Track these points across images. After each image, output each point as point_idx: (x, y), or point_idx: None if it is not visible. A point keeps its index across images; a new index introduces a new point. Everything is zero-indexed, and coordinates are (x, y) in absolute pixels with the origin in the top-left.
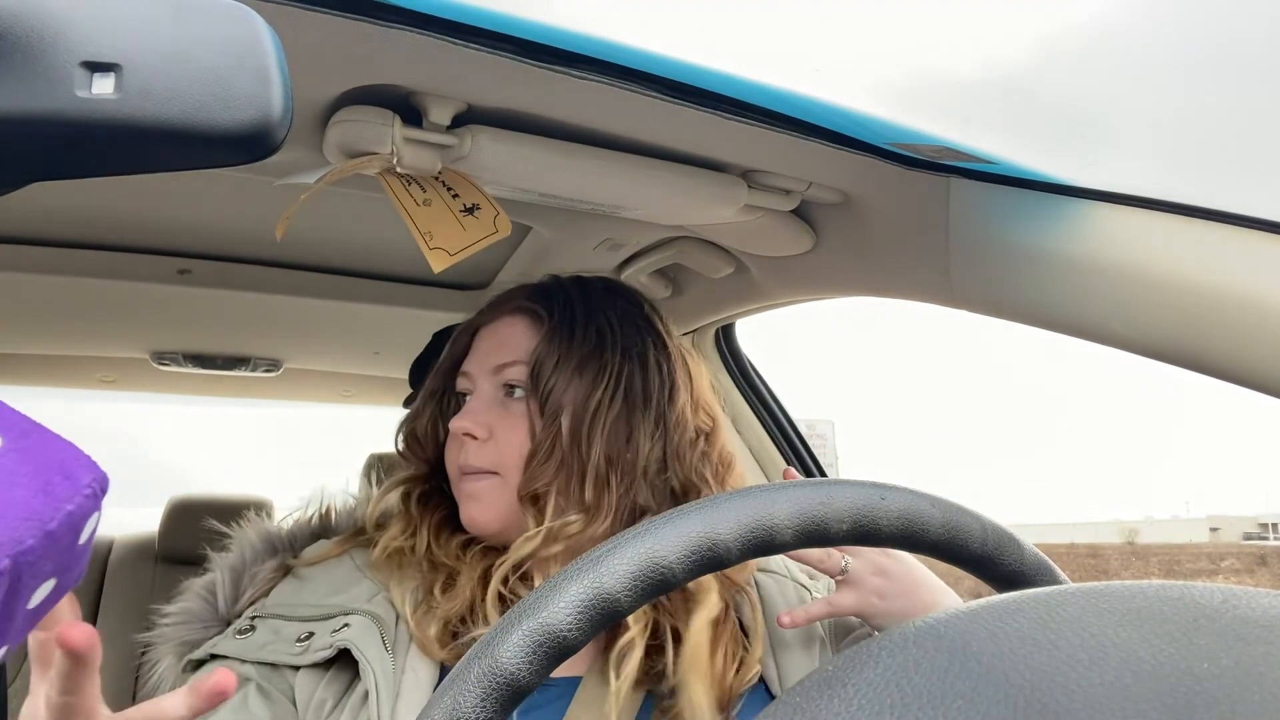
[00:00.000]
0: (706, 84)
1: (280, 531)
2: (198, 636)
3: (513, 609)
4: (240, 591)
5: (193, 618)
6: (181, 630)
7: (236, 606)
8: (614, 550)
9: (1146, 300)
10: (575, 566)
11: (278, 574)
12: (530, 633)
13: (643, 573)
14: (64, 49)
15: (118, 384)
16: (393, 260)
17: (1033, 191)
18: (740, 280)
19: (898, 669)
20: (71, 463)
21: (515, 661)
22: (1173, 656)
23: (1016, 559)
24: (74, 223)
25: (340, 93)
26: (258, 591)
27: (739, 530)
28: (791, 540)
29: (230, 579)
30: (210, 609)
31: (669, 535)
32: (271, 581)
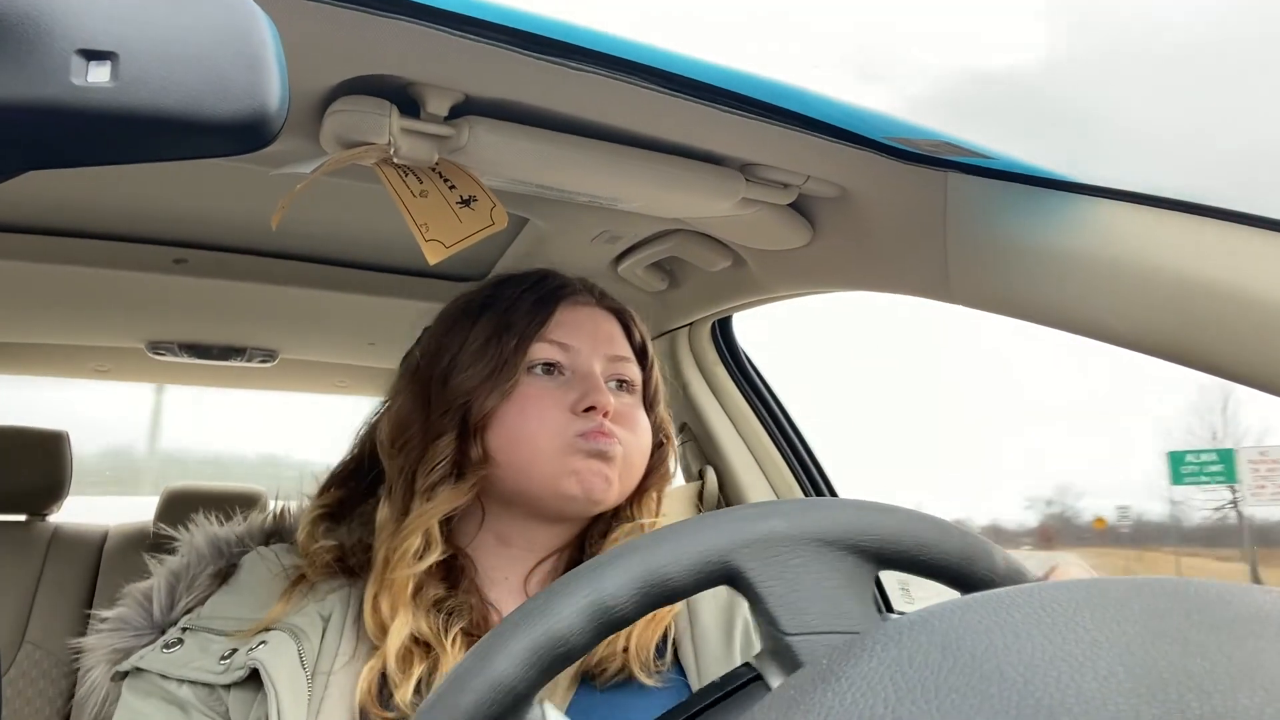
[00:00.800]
0: (705, 77)
1: (230, 535)
2: (130, 645)
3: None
4: (176, 599)
5: (127, 625)
6: (114, 638)
7: (172, 614)
8: (613, 562)
9: (1143, 296)
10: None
11: (214, 581)
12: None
13: (645, 584)
14: (60, 36)
15: (112, 374)
16: (389, 251)
17: (1030, 186)
18: (737, 274)
19: (892, 662)
20: None
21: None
22: (1166, 652)
23: (987, 567)
24: (69, 212)
25: (337, 83)
26: (193, 600)
27: (687, 563)
28: None
29: (167, 585)
30: (145, 616)
31: (668, 551)
32: (207, 589)
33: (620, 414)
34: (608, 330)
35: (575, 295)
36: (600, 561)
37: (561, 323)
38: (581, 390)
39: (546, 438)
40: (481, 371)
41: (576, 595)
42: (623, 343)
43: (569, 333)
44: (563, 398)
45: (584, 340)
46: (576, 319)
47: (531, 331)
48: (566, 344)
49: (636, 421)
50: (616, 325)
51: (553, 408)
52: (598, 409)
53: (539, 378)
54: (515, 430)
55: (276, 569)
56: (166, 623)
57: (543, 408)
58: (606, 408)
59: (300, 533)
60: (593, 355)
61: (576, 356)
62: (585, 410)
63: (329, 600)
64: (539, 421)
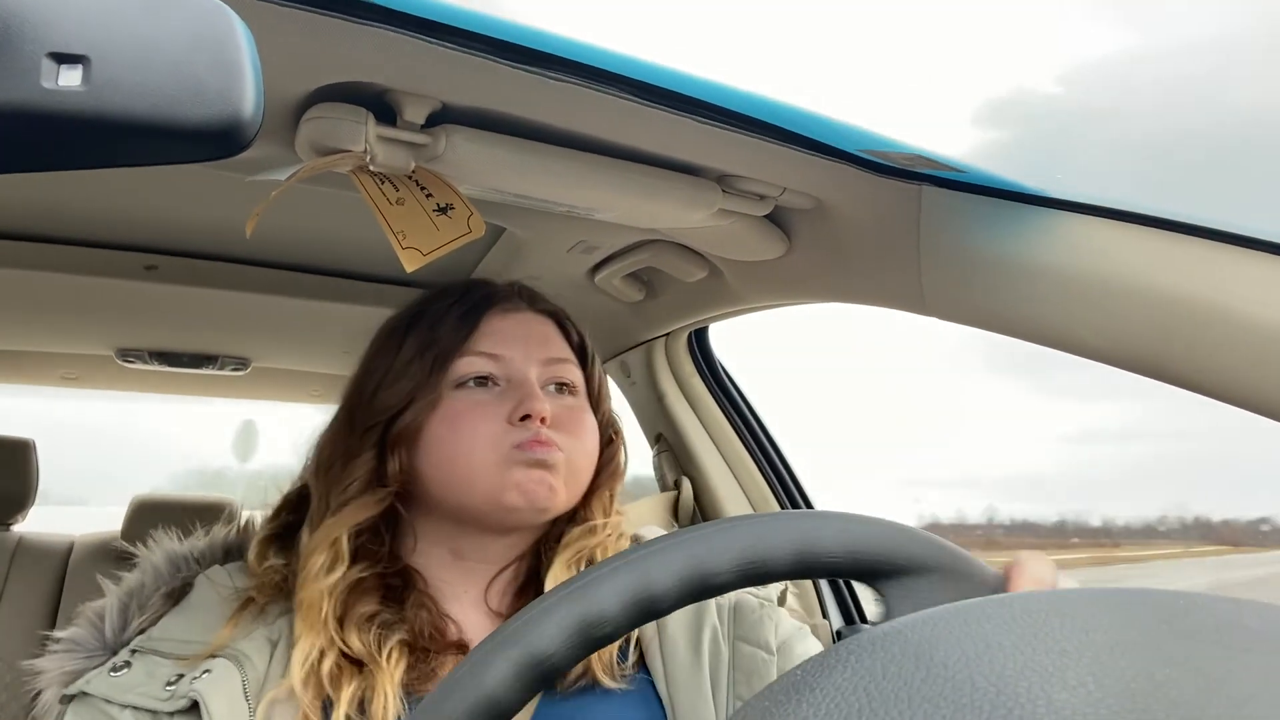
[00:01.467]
0: (682, 88)
1: (189, 552)
2: (81, 666)
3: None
4: (129, 619)
5: (79, 647)
6: (65, 659)
7: (124, 635)
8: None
9: (1116, 310)
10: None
11: (167, 601)
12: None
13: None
14: (31, 39)
15: (81, 381)
16: (364, 259)
17: (1003, 201)
18: (714, 284)
19: (865, 673)
20: None
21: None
22: (1134, 661)
23: (967, 571)
24: (38, 217)
25: (313, 89)
26: (145, 620)
27: (674, 578)
28: (732, 580)
29: (119, 605)
30: (98, 637)
31: (604, 589)
32: (160, 609)
33: (561, 417)
34: (540, 333)
35: (504, 302)
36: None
37: (490, 332)
38: (516, 399)
39: (482, 452)
40: (404, 388)
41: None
42: (559, 344)
43: (498, 342)
44: (497, 409)
45: (515, 348)
46: (505, 327)
47: (456, 345)
48: (496, 354)
49: (580, 423)
50: (551, 327)
51: (486, 420)
52: (533, 416)
53: (471, 391)
54: (450, 448)
55: (227, 591)
56: (118, 644)
57: (475, 421)
58: (542, 414)
59: (250, 554)
60: (526, 362)
61: (509, 365)
62: (522, 419)
63: (278, 624)
64: (472, 436)
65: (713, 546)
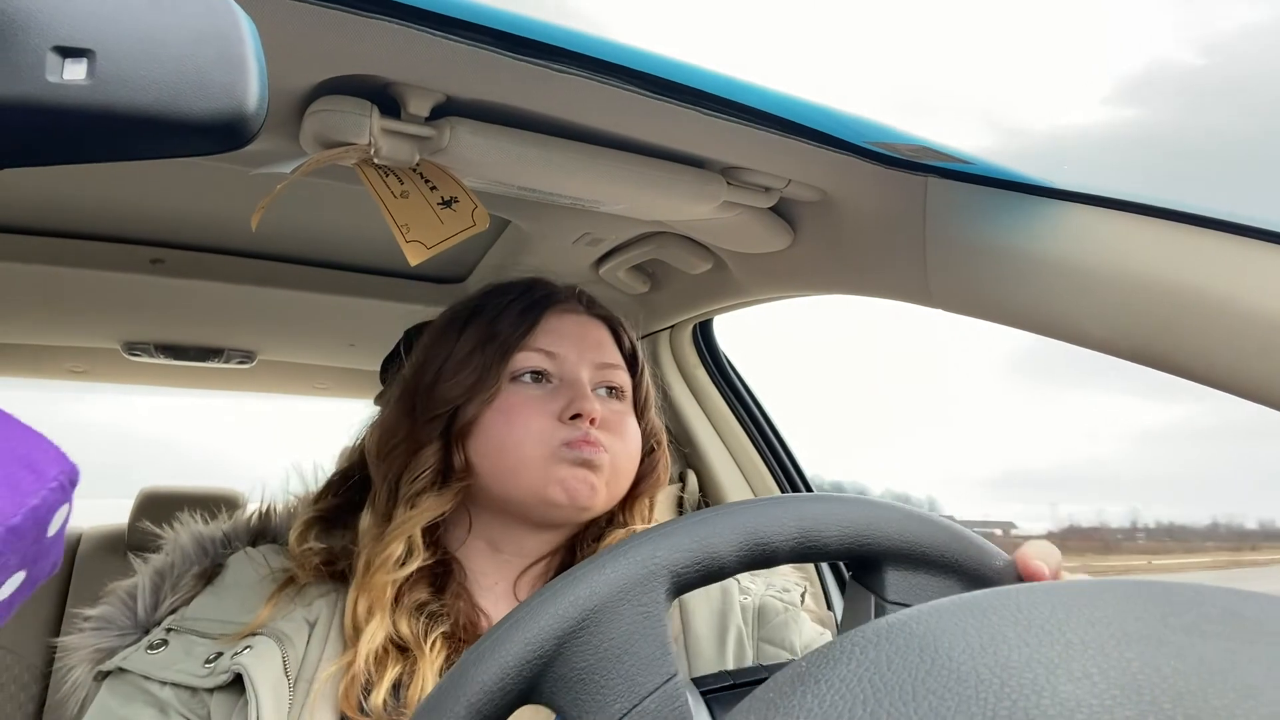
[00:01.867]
0: (687, 80)
1: (216, 534)
2: (113, 644)
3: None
4: (160, 598)
5: (110, 624)
6: (97, 637)
7: (156, 614)
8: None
9: (1121, 302)
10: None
11: (199, 581)
12: None
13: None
14: (35, 33)
15: (88, 374)
16: (369, 252)
17: (1009, 192)
18: (719, 276)
19: (870, 665)
20: (38, 455)
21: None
22: (1139, 653)
23: (976, 558)
24: (45, 211)
25: (318, 82)
26: (179, 599)
27: (687, 560)
28: (734, 565)
29: (152, 584)
30: (129, 616)
31: (608, 574)
32: (192, 589)
33: (608, 421)
34: (596, 337)
35: (563, 303)
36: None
37: (548, 330)
38: (568, 398)
39: (531, 445)
40: (466, 380)
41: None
42: (612, 350)
43: (555, 340)
44: (549, 405)
45: (571, 348)
46: (563, 326)
47: (516, 339)
48: (553, 351)
49: (625, 428)
50: (605, 332)
51: (538, 415)
52: (584, 416)
53: (525, 385)
54: (500, 438)
55: (264, 571)
56: (150, 622)
57: (528, 415)
58: (593, 414)
59: (292, 535)
60: (580, 362)
61: (563, 364)
62: (572, 418)
63: (316, 605)
64: (524, 430)
65: (771, 517)
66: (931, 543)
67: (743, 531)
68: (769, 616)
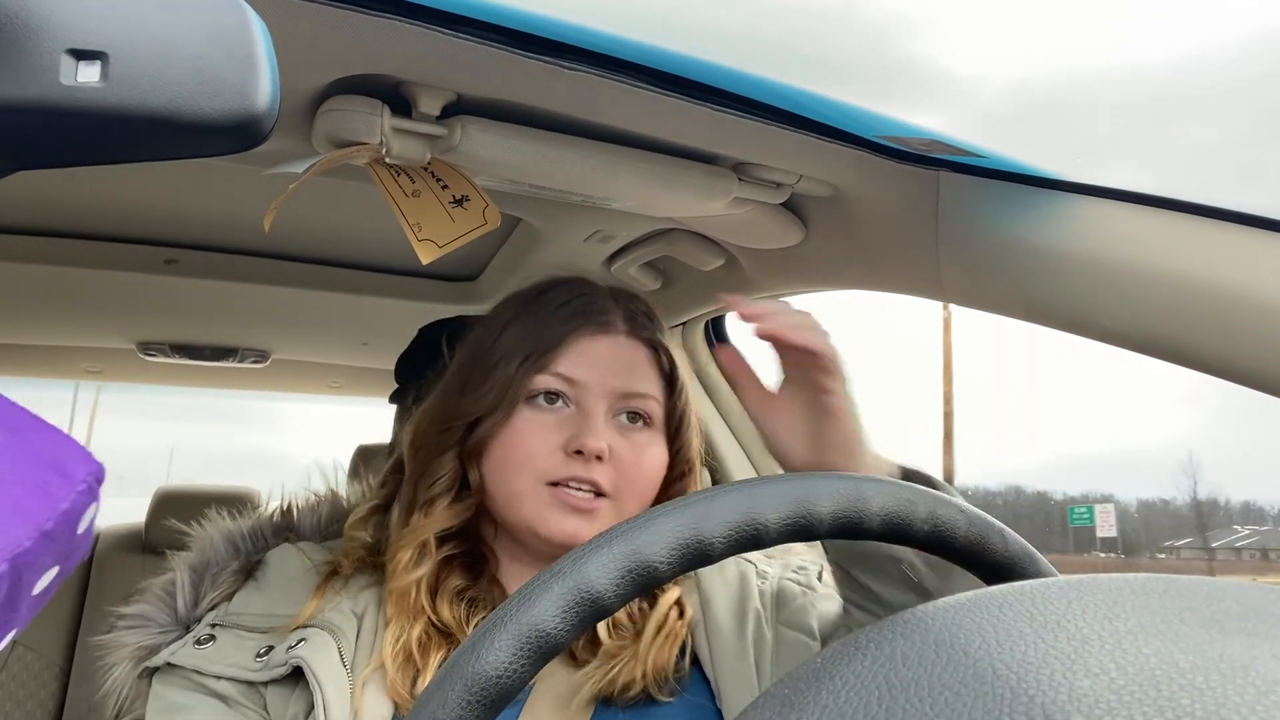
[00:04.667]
0: (697, 76)
1: (242, 529)
2: (154, 641)
3: (501, 608)
4: (201, 595)
5: (150, 621)
6: (138, 635)
7: (196, 610)
8: (598, 549)
9: (1131, 293)
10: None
11: (239, 577)
12: (519, 631)
13: (628, 571)
14: (49, 36)
15: (104, 374)
16: (381, 251)
17: (1021, 185)
18: (730, 273)
19: (885, 661)
20: (67, 458)
21: (501, 664)
22: (1157, 649)
23: (1001, 548)
24: (60, 212)
25: (329, 82)
26: (219, 595)
27: (725, 528)
28: (776, 535)
29: (190, 580)
30: (168, 612)
31: (653, 533)
32: (233, 584)
33: (620, 451)
34: (627, 361)
35: (599, 324)
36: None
37: (576, 352)
38: (575, 429)
39: (527, 477)
40: (486, 395)
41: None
42: (645, 376)
43: (579, 365)
44: (557, 434)
45: (594, 374)
46: (594, 350)
47: (534, 361)
48: (573, 378)
49: (643, 458)
50: (642, 353)
51: (542, 443)
52: (586, 454)
53: (539, 409)
54: (503, 461)
55: (307, 564)
56: (191, 619)
57: (531, 443)
58: (598, 452)
59: (350, 520)
60: (600, 392)
61: (583, 391)
62: (575, 452)
63: (362, 597)
64: (524, 457)
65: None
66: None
67: (737, 513)
68: (787, 600)
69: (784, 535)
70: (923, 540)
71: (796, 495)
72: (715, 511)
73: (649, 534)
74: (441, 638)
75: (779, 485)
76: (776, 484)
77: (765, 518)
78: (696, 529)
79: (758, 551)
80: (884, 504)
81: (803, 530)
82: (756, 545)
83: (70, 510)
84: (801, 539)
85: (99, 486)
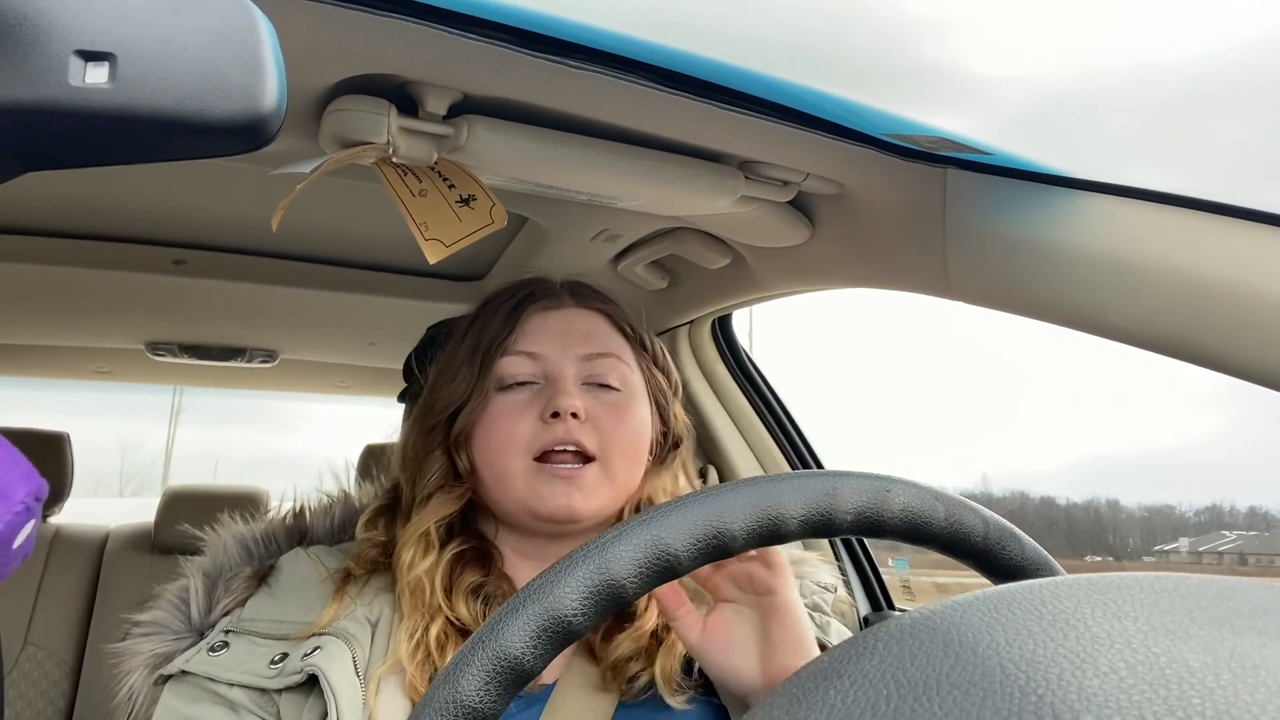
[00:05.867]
0: (704, 74)
1: (254, 533)
2: (170, 649)
3: (516, 595)
4: (214, 601)
5: (165, 629)
6: (153, 642)
7: (210, 616)
8: (621, 537)
9: (1141, 291)
10: (582, 552)
11: (252, 583)
12: (537, 616)
13: (649, 560)
14: (58, 37)
15: (113, 375)
16: (389, 251)
17: (1029, 182)
18: (737, 271)
19: (893, 660)
20: (8, 476)
21: (521, 647)
22: (1167, 648)
23: (1017, 553)
24: (68, 213)
25: (335, 82)
26: (232, 601)
27: (747, 519)
28: (796, 529)
29: (204, 586)
30: (182, 619)
31: (676, 524)
32: (246, 590)
33: (598, 412)
34: (584, 329)
35: (545, 299)
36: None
37: (530, 331)
38: (548, 396)
39: (511, 456)
40: (458, 390)
41: (634, 540)
42: (604, 339)
43: (537, 340)
44: (533, 409)
45: (553, 345)
46: (547, 324)
47: (497, 345)
48: (534, 352)
49: (622, 419)
50: (598, 321)
51: (520, 422)
52: (562, 414)
53: (512, 394)
54: (486, 449)
55: (322, 571)
56: (205, 625)
57: (510, 425)
58: (572, 409)
59: (360, 521)
60: (563, 359)
61: (546, 363)
62: (553, 415)
63: (376, 603)
64: (504, 439)
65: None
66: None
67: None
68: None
69: (805, 530)
70: (943, 541)
71: (822, 490)
72: (736, 504)
73: (672, 523)
74: (460, 635)
75: (800, 481)
76: (798, 480)
77: (786, 512)
78: (718, 520)
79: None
80: (857, 499)
81: (823, 526)
82: (777, 540)
83: (4, 531)
84: (822, 535)
85: (39, 505)
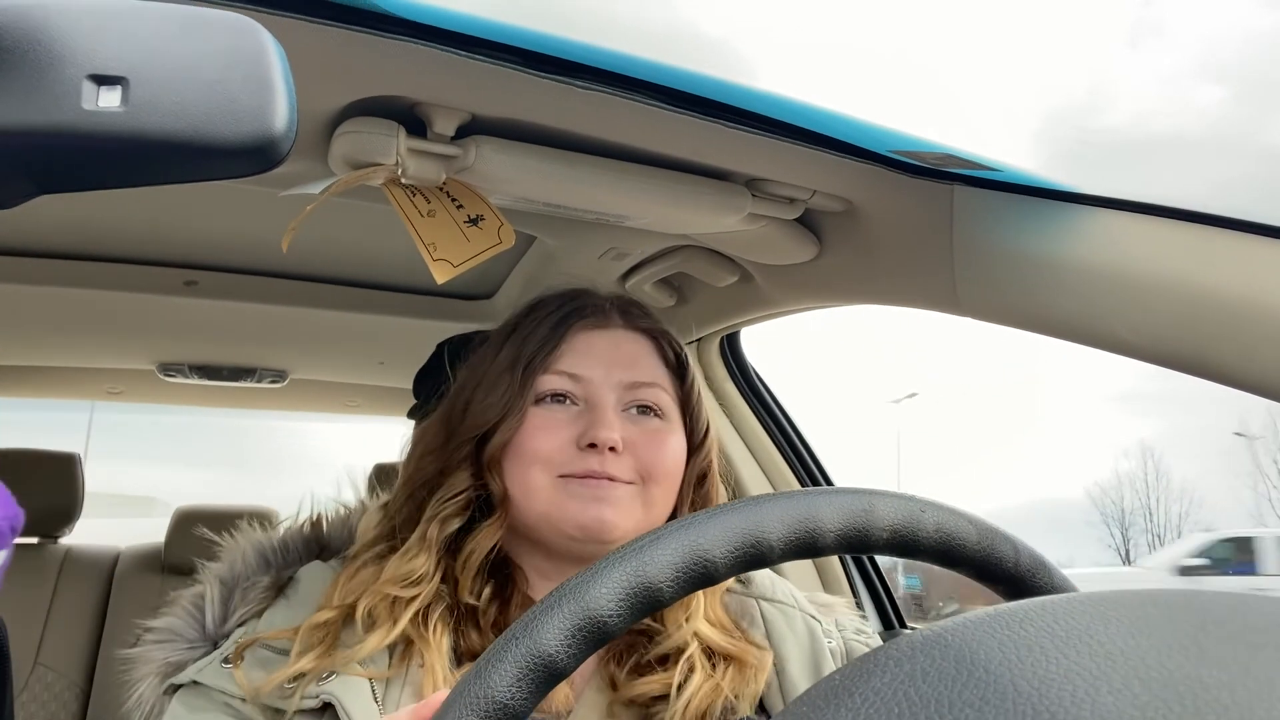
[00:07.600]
0: (710, 93)
1: (272, 542)
2: (182, 657)
3: (552, 593)
4: (230, 610)
5: (178, 636)
6: (166, 650)
7: (225, 626)
8: (659, 540)
9: (1150, 305)
10: (618, 554)
11: (270, 593)
12: (572, 615)
13: (687, 564)
14: (71, 62)
15: (124, 395)
16: (398, 271)
17: (1035, 198)
18: (745, 289)
19: (905, 678)
20: None
21: (555, 644)
22: (1181, 664)
23: (1046, 581)
24: (81, 235)
25: (345, 104)
26: (248, 611)
27: (785, 530)
28: (833, 544)
29: (220, 594)
30: (196, 627)
31: (714, 531)
32: (263, 601)
33: (637, 442)
34: (630, 353)
35: (593, 318)
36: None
37: (574, 350)
38: (587, 423)
39: (540, 471)
40: (495, 404)
41: (671, 545)
42: (649, 365)
43: (579, 361)
44: (569, 429)
45: (596, 368)
46: (592, 344)
47: (539, 362)
48: (577, 374)
49: (660, 446)
50: (644, 345)
51: (555, 440)
52: (599, 447)
53: (549, 408)
54: (517, 460)
55: None
56: (219, 634)
57: (543, 440)
58: (610, 443)
59: (360, 540)
60: (606, 383)
61: (588, 386)
62: (589, 445)
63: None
64: (534, 454)
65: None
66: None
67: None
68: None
69: (840, 545)
70: (975, 565)
71: (860, 506)
72: (775, 514)
73: (710, 530)
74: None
75: (839, 496)
76: (836, 495)
77: (824, 525)
78: (756, 529)
79: (812, 606)
80: (892, 517)
81: (859, 542)
82: (812, 553)
83: None
84: (857, 550)
85: (13, 535)
